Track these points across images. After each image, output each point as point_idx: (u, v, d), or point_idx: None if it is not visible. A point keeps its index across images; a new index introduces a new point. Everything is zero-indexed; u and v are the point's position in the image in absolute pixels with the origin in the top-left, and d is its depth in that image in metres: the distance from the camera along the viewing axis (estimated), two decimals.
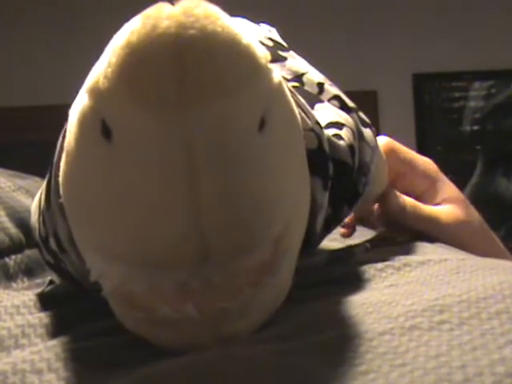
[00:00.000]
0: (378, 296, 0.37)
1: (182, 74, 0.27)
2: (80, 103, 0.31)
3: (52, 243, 0.43)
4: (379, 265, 0.46)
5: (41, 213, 0.44)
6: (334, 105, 0.52)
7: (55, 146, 0.41)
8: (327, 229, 0.49)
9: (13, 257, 0.62)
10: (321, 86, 0.53)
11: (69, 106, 0.33)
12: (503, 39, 2.94)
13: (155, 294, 0.30)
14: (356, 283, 0.42)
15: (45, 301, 0.45)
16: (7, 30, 2.81)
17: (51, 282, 0.58)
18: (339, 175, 0.46)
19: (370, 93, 2.89)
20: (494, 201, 1.62)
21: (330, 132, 0.48)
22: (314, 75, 0.54)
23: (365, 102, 1.37)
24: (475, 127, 2.88)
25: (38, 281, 0.62)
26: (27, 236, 0.64)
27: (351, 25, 2.85)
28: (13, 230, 0.63)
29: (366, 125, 0.54)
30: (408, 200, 0.62)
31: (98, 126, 0.29)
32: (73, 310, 0.41)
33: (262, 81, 0.29)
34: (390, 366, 0.27)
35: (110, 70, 0.28)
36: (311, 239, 0.44)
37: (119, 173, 0.29)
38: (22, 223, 0.64)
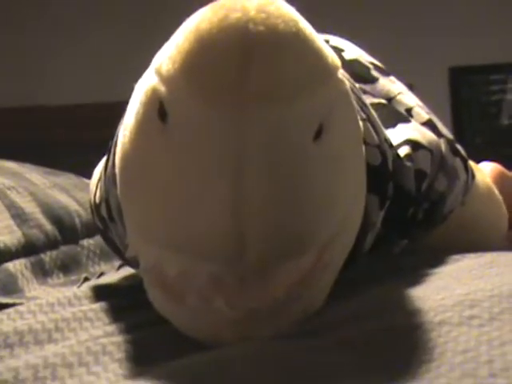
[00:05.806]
0: (410, 291, 0.37)
1: (245, 70, 0.26)
2: (146, 81, 0.30)
3: (103, 210, 0.43)
4: (413, 262, 0.45)
5: (100, 178, 0.44)
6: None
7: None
8: (375, 249, 0.47)
9: (48, 253, 0.62)
10: (409, 110, 0.53)
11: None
12: None
13: (186, 280, 0.30)
14: (388, 280, 0.42)
15: (79, 297, 0.45)
16: None
17: (86, 278, 0.59)
18: (398, 198, 0.45)
19: (406, 86, 2.86)
20: None
21: (401, 151, 0.46)
22: (406, 99, 0.54)
23: None
24: None
25: (73, 277, 0.63)
26: (62, 232, 0.65)
27: (386, 18, 2.83)
28: (48, 226, 0.63)
29: (456, 154, 0.52)
30: None
31: (156, 106, 0.29)
32: (106, 305, 0.42)
33: (325, 88, 0.28)
34: (416, 361, 0.26)
35: (176, 53, 0.28)
36: (357, 256, 0.42)
37: (168, 157, 0.29)
38: (57, 220, 0.65)
